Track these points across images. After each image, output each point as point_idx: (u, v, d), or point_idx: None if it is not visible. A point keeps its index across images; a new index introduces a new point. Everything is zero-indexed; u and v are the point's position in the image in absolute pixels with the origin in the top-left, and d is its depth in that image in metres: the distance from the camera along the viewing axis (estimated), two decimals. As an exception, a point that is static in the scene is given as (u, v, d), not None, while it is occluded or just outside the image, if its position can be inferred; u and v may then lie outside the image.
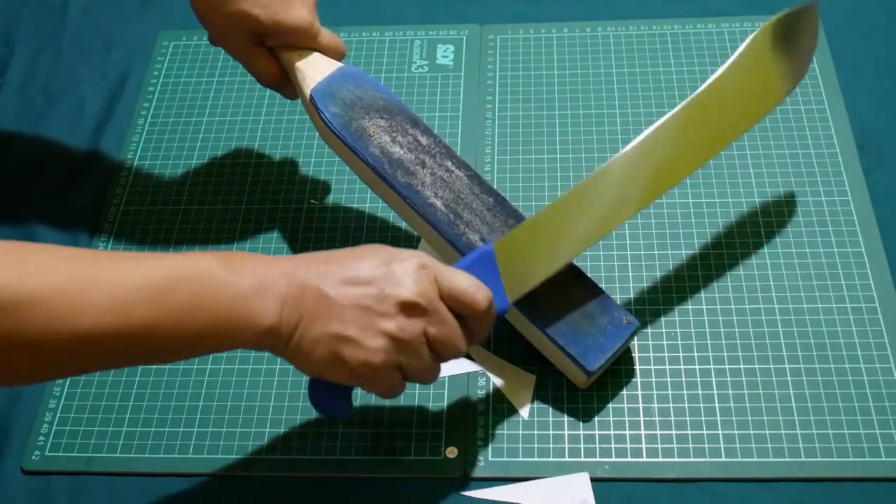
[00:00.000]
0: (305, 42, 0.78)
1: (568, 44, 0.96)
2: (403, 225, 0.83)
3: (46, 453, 0.73)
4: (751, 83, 0.75)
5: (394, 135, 0.76)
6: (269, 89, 0.94)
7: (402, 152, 0.75)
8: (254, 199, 0.87)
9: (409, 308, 0.62)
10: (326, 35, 0.80)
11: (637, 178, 0.72)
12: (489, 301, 0.65)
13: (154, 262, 0.59)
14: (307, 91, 0.77)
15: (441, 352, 0.65)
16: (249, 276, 0.61)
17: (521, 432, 0.72)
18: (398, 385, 0.65)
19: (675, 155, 0.73)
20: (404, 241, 0.83)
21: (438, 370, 0.66)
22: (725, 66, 0.74)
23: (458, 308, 0.64)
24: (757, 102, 0.76)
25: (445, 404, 0.74)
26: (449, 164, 0.76)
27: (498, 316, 0.68)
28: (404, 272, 0.63)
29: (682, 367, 0.74)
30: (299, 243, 0.83)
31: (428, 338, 0.63)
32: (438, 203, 0.74)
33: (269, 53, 0.79)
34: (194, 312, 0.59)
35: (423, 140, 0.76)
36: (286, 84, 0.81)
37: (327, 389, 0.65)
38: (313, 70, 0.78)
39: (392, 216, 0.84)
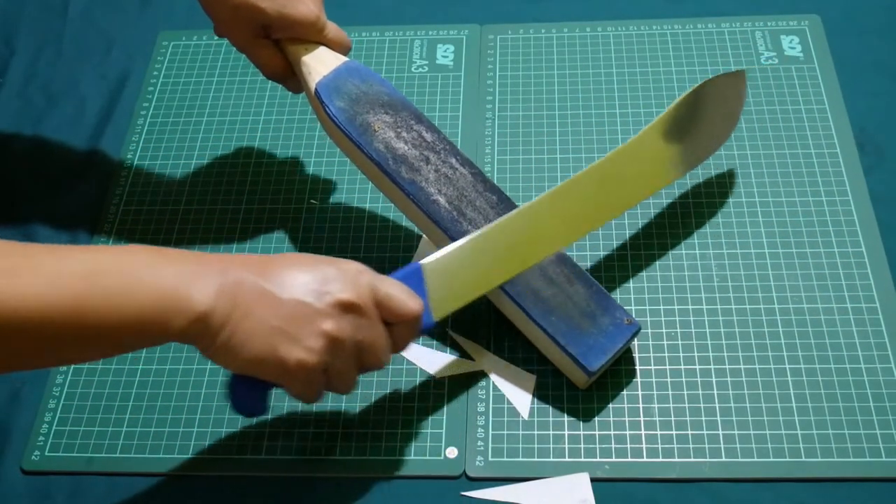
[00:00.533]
0: (311, 36, 0.78)
1: (568, 44, 0.96)
2: (403, 224, 0.84)
3: (46, 453, 0.73)
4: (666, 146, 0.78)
5: (398, 130, 0.76)
6: (269, 88, 0.94)
7: (406, 148, 0.75)
8: (254, 199, 0.87)
9: (347, 308, 0.62)
10: (332, 29, 0.79)
11: (560, 217, 0.73)
12: (421, 309, 0.66)
13: (85, 251, 0.59)
14: (312, 85, 0.77)
15: (365, 359, 0.65)
16: (184, 263, 0.60)
17: (521, 432, 0.72)
18: (321, 390, 0.65)
19: (598, 200, 0.75)
20: (405, 239, 0.83)
21: (356, 382, 0.66)
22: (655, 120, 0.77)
23: (389, 314, 0.65)
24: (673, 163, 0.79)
25: (445, 404, 0.74)
26: (453, 160, 0.76)
27: (423, 331, 0.68)
28: (342, 274, 0.63)
29: (682, 367, 0.74)
30: (299, 243, 0.83)
31: (357, 343, 0.64)
32: (442, 200, 0.74)
33: (273, 46, 0.79)
34: (122, 297, 0.58)
35: (428, 136, 0.77)
36: (290, 77, 0.81)
37: (250, 387, 0.64)
38: (319, 64, 0.78)
39: (392, 216, 0.84)
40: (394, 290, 0.65)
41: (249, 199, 0.87)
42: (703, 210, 0.83)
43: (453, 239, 0.73)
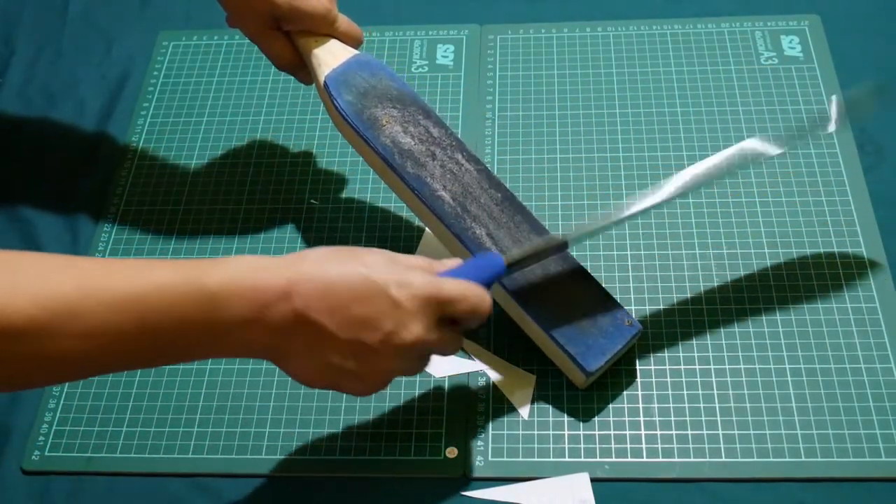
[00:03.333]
0: (322, 28, 0.79)
1: (568, 44, 0.96)
2: (404, 225, 0.84)
3: (46, 453, 0.73)
4: None
5: (405, 125, 0.76)
6: (269, 88, 0.94)
7: (412, 143, 0.76)
8: (254, 199, 0.87)
9: (414, 347, 0.61)
10: (344, 22, 0.80)
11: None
12: (489, 307, 0.64)
13: (140, 300, 0.56)
14: (322, 77, 0.77)
15: (437, 355, 0.65)
16: (239, 310, 0.58)
17: (521, 432, 0.72)
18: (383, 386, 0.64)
19: None
20: (404, 240, 0.83)
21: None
22: None
23: (461, 318, 0.63)
24: None
25: (445, 404, 0.74)
26: (459, 156, 0.76)
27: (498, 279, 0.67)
28: (411, 311, 0.60)
29: (682, 367, 0.74)
30: (299, 243, 0.83)
31: (427, 355, 0.64)
32: (446, 196, 0.74)
33: (285, 37, 0.80)
34: (175, 348, 0.58)
35: (435, 132, 0.77)
36: (301, 68, 0.81)
37: None
38: (329, 56, 0.78)
39: (393, 216, 0.84)
40: (461, 305, 0.62)
41: (249, 199, 0.87)
42: (702, 210, 0.83)
43: (456, 235, 0.73)
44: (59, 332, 0.53)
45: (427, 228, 0.79)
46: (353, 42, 0.80)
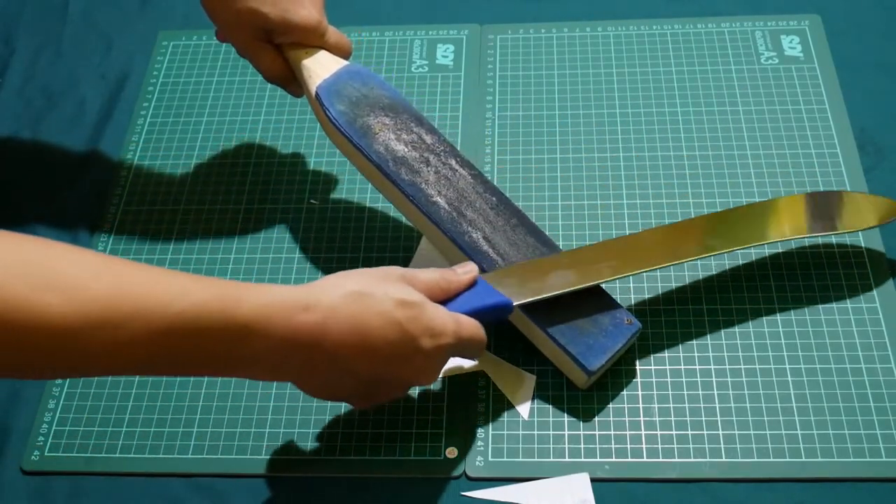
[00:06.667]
0: (313, 40, 0.79)
1: (568, 44, 0.96)
2: (404, 224, 0.84)
3: (46, 453, 0.73)
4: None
5: (399, 132, 0.76)
6: (269, 88, 0.94)
7: (406, 150, 0.76)
8: (254, 199, 0.87)
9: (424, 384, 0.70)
10: (333, 34, 0.80)
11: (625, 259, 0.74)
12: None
13: (173, 323, 0.56)
14: (313, 88, 0.77)
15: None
16: (268, 346, 0.60)
17: (521, 432, 0.72)
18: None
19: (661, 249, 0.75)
20: (405, 240, 0.83)
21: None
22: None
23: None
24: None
25: (445, 404, 0.74)
26: (453, 162, 0.76)
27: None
28: (435, 360, 0.66)
29: (682, 367, 0.74)
30: (299, 243, 0.83)
31: None
32: (442, 201, 0.74)
33: (275, 50, 0.80)
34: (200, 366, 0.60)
35: (428, 138, 0.77)
36: (291, 81, 0.81)
37: None
38: (319, 67, 0.78)
39: (392, 217, 0.84)
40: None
41: (249, 199, 0.87)
42: (703, 210, 0.83)
43: (453, 239, 0.73)
44: (86, 336, 0.54)
45: (423, 234, 0.79)
46: (343, 53, 0.81)
